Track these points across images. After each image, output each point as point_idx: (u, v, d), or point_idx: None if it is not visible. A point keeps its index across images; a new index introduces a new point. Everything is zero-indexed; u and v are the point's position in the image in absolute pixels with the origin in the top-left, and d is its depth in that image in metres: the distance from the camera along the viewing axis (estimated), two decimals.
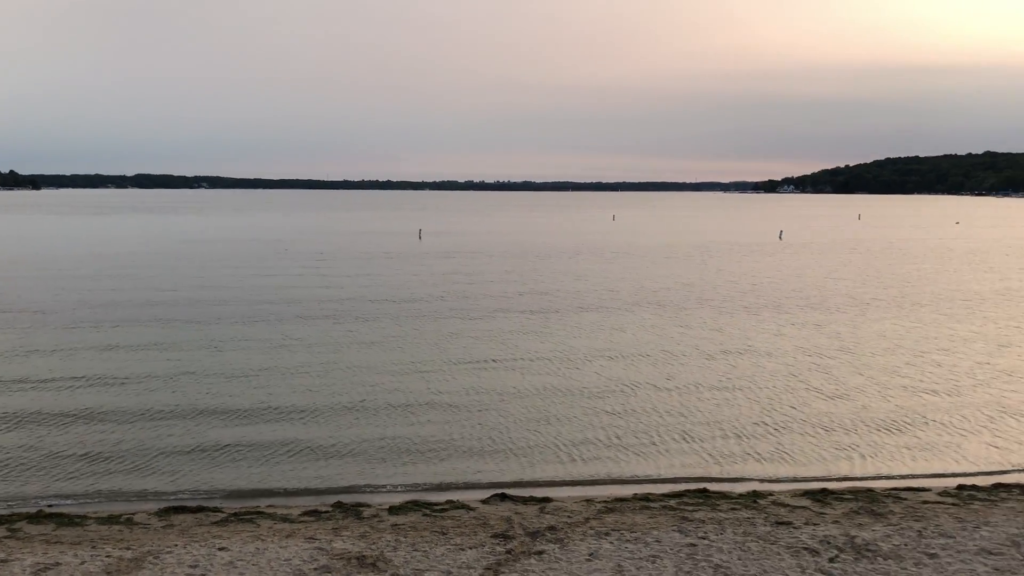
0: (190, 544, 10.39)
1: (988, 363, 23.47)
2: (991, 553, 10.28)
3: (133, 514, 12.04)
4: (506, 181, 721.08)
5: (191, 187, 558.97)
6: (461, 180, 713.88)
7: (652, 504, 12.36)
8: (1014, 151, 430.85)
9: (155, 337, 25.71)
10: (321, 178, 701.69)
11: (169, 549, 10.17)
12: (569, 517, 11.57)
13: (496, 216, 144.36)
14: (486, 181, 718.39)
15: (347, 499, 12.89)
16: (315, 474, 14.33)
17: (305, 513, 12.06)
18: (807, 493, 13.07)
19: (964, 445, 16.27)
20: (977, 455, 15.71)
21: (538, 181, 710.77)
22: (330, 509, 12.26)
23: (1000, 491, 13.27)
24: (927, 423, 17.63)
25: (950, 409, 18.71)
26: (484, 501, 12.66)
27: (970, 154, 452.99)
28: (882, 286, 41.81)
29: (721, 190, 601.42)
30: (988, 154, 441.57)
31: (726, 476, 14.43)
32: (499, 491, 13.15)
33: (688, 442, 16.21)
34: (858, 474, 14.69)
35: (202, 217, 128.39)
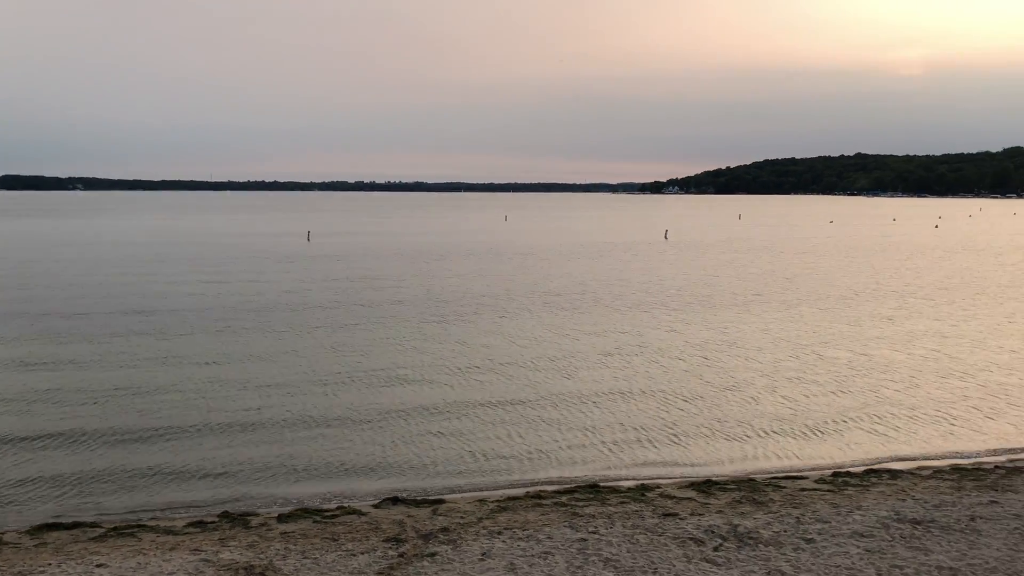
0: (65, 562, 9.92)
1: (865, 355, 24.70)
2: (863, 536, 10.83)
3: (2, 534, 11.42)
4: (397, 182, 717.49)
5: (65, 189, 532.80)
6: (351, 180, 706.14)
7: (544, 501, 12.49)
8: (882, 153, 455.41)
9: (25, 351, 24.43)
10: (205, 179, 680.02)
11: (41, 569, 9.69)
12: (462, 518, 11.58)
13: (388, 217, 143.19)
14: (377, 182, 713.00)
15: (234, 508, 12.56)
16: (202, 488, 13.84)
17: (190, 525, 11.68)
18: (693, 484, 13.48)
19: (842, 433, 17.05)
20: (852, 443, 16.49)
21: (430, 182, 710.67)
22: (216, 519, 11.92)
23: (872, 476, 13.99)
24: (809, 413, 18.41)
25: (830, 400, 19.59)
26: (376, 505, 12.55)
27: (843, 156, 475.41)
28: (765, 283, 43.46)
29: (610, 191, 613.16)
30: (859, 156, 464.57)
31: (618, 472, 14.71)
32: (391, 495, 13.06)
33: (583, 445, 16.43)
34: (742, 465, 15.22)
35: (77, 220, 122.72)
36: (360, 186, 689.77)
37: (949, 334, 28.36)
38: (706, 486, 13.32)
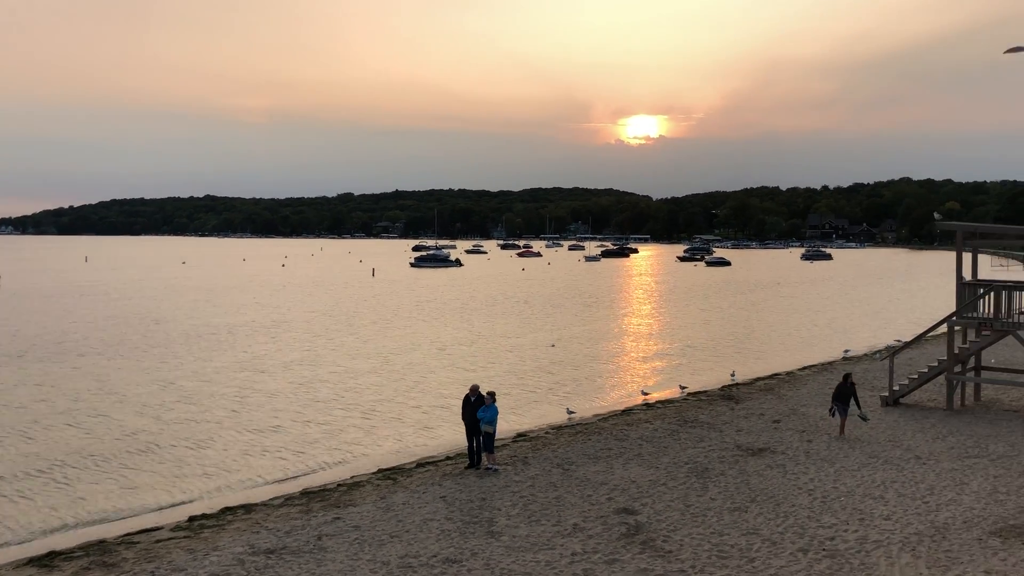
0: None
1: (250, 387, 25.22)
2: None
3: None
4: None
5: None
6: None
7: None
8: (232, 196, 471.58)
9: None
10: None
11: None
12: None
13: None
14: None
15: None
16: None
17: None
18: (33, 560, 12.04)
19: (201, 476, 16.83)
20: (209, 482, 16.41)
21: None
22: None
23: (228, 514, 14.11)
24: (172, 462, 17.79)
25: (203, 438, 19.35)
26: None
27: (192, 197, 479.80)
28: (129, 326, 41.11)
29: None
30: (209, 198, 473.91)
31: None
32: None
33: None
34: (94, 527, 14.00)
35: None
36: None
37: (312, 362, 30.35)
38: (49, 559, 12.00)
